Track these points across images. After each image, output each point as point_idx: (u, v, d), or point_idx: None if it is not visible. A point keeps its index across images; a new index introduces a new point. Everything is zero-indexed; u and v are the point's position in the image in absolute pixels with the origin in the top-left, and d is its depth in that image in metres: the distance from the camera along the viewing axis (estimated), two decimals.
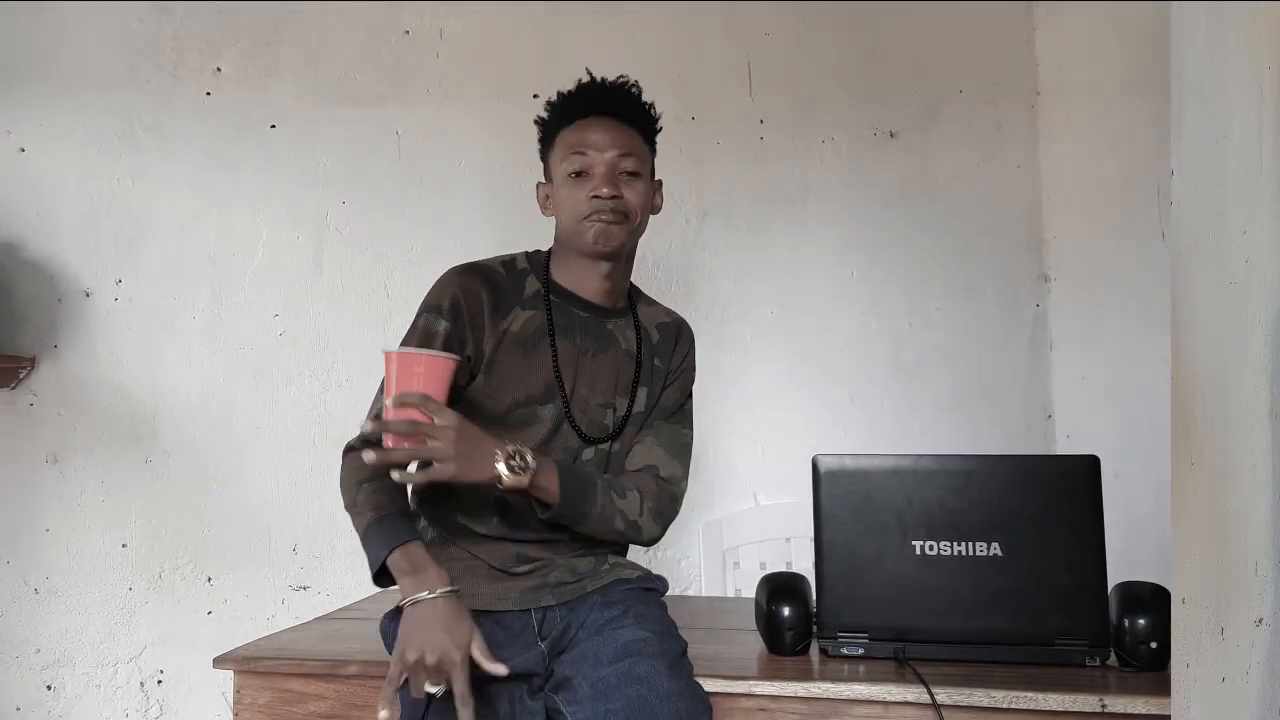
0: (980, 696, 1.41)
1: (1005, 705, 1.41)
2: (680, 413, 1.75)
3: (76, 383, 2.58)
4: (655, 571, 1.72)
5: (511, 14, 2.71)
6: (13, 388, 2.56)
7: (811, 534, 1.60)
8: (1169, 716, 1.33)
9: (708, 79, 2.75)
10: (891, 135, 2.77)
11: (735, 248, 2.74)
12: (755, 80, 2.75)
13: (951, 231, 2.76)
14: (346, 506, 1.51)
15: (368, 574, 2.54)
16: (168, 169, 2.63)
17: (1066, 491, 1.54)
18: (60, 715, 2.56)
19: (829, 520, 1.59)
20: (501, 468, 1.43)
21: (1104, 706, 1.38)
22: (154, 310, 2.61)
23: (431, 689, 1.36)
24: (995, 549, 1.53)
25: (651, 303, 1.77)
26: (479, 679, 1.46)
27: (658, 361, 1.70)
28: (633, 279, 1.72)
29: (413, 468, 1.42)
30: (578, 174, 1.58)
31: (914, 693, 1.43)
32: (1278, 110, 0.94)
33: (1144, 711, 1.37)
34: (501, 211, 2.65)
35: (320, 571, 2.60)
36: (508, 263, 1.66)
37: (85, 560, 2.58)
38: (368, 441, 1.44)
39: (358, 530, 1.49)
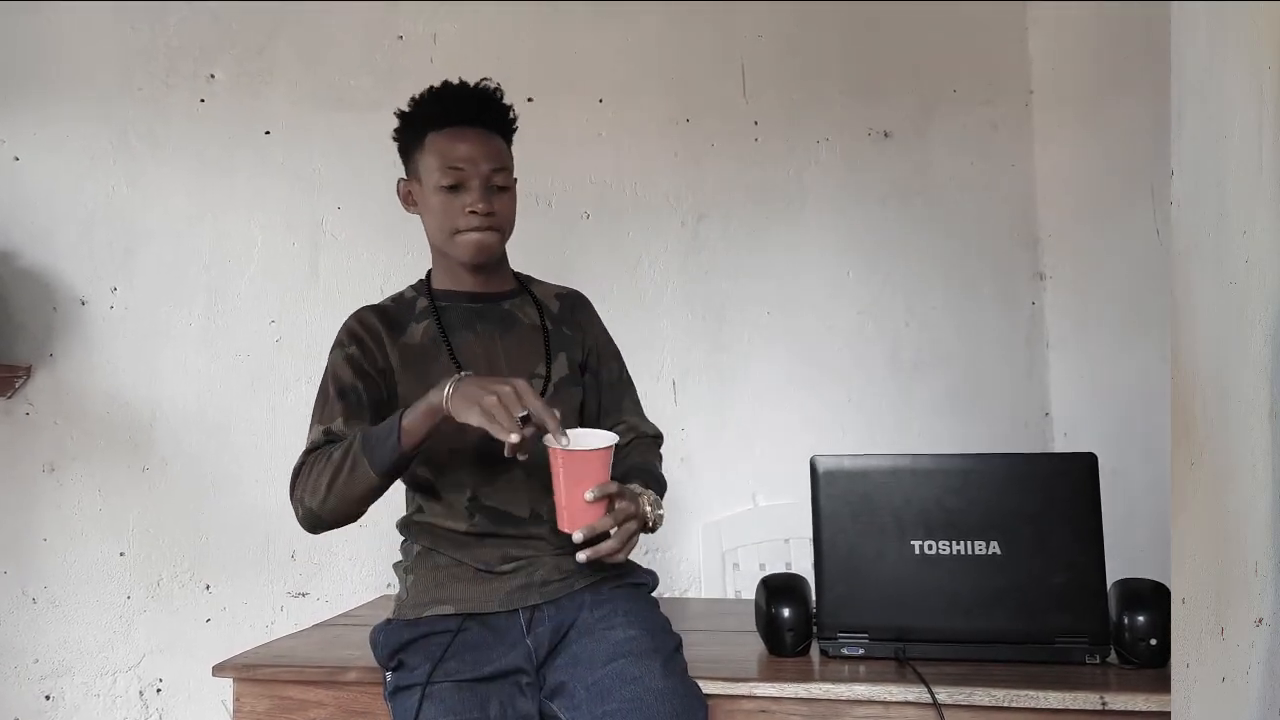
0: (981, 695, 1.41)
1: (1006, 704, 1.41)
2: (624, 381, 1.82)
3: (73, 391, 2.58)
4: (653, 573, 1.72)
5: (505, 18, 2.71)
6: (9, 397, 2.55)
7: (810, 535, 1.60)
8: (1169, 713, 1.33)
9: (702, 81, 2.75)
10: (886, 135, 2.78)
11: (732, 249, 2.74)
12: (749, 82, 2.76)
13: (947, 231, 2.77)
14: (330, 482, 1.49)
15: (366, 580, 2.57)
16: (162, 176, 2.63)
17: (1064, 489, 1.54)
18: None
19: (828, 521, 1.59)
20: (651, 515, 1.52)
21: (1104, 704, 1.38)
22: (150, 318, 2.61)
23: (521, 412, 1.36)
24: (994, 548, 1.53)
25: (541, 282, 1.82)
26: (470, 680, 1.47)
27: (567, 330, 1.74)
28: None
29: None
30: (453, 187, 1.61)
31: (915, 692, 1.43)
32: (1278, 110, 0.94)
33: (1144, 709, 1.37)
34: None
35: (319, 578, 2.60)
36: (396, 296, 1.74)
37: (83, 569, 2.57)
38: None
39: (355, 462, 1.47)
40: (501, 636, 1.54)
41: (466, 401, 1.38)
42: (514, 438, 1.33)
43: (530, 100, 2.70)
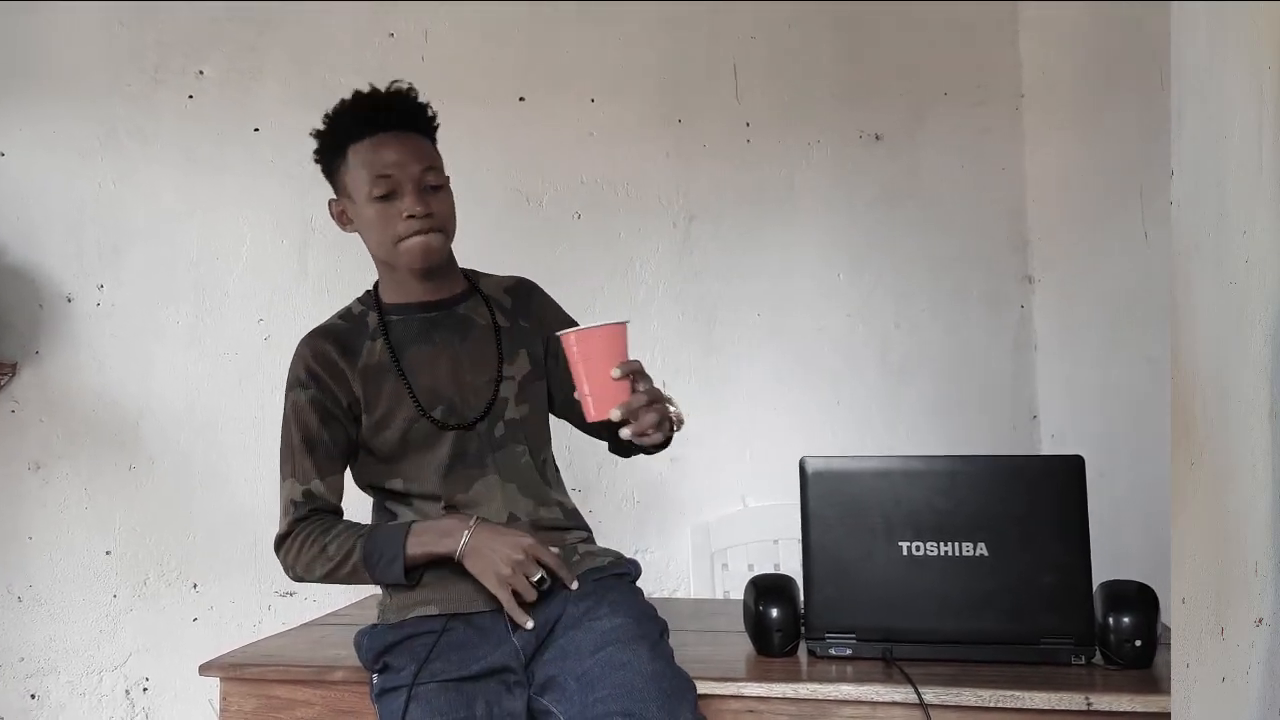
0: (968, 696, 1.42)
1: (992, 704, 1.41)
2: None
3: (59, 389, 2.56)
4: (643, 572, 1.72)
5: (496, 17, 2.71)
6: None
7: (799, 536, 1.60)
8: (1154, 714, 1.34)
9: (694, 82, 2.75)
10: (877, 138, 2.78)
11: (723, 250, 2.74)
12: (741, 83, 2.76)
13: (937, 234, 2.77)
14: (326, 574, 1.57)
15: None
16: (150, 173, 2.62)
17: (1052, 491, 1.54)
18: None
19: (816, 522, 1.59)
20: (675, 412, 1.51)
21: (1089, 704, 1.38)
22: (137, 315, 2.60)
23: (535, 576, 1.47)
24: (981, 549, 1.54)
25: (488, 275, 1.79)
26: (456, 680, 1.47)
27: (523, 323, 1.72)
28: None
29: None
30: (385, 196, 1.58)
31: (901, 693, 1.44)
32: (1278, 110, 0.95)
33: (1129, 709, 1.37)
34: (489, 213, 2.64)
35: None
36: (344, 313, 1.72)
37: (69, 568, 2.56)
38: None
39: (354, 569, 1.55)
40: (486, 635, 1.54)
41: (483, 568, 1.48)
42: (529, 625, 1.48)
43: (522, 99, 2.70)
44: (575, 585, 1.51)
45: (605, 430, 1.67)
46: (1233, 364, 0.95)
